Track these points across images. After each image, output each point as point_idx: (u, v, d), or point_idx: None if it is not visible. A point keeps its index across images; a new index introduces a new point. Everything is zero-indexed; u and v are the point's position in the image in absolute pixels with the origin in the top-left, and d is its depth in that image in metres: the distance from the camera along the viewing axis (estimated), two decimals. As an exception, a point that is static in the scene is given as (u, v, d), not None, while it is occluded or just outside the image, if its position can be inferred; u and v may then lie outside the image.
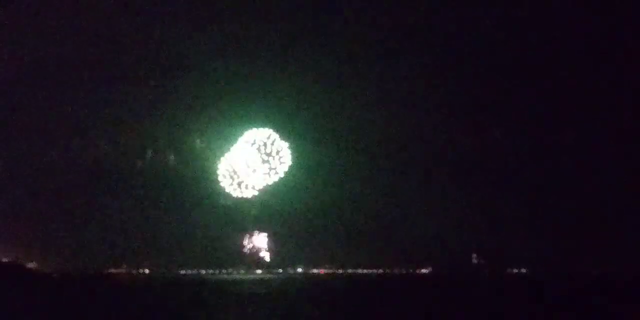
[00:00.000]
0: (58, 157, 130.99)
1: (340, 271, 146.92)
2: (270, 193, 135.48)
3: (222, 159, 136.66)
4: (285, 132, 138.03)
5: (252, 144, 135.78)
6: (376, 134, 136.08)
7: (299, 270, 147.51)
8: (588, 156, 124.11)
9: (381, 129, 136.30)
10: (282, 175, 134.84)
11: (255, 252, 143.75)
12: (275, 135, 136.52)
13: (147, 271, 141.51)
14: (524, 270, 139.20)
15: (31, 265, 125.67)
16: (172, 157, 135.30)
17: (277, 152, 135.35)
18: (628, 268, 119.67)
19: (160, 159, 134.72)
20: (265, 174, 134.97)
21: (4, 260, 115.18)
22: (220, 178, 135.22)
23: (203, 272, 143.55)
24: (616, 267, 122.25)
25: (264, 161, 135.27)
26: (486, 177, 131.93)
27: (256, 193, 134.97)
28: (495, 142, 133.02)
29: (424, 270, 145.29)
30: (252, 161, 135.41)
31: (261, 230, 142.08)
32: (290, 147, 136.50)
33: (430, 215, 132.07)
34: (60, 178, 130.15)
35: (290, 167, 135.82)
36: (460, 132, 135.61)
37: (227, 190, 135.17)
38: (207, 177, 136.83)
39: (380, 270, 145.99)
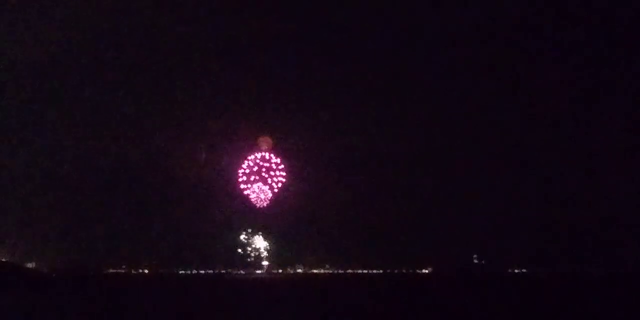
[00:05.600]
0: (58, 158, 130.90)
1: (341, 271, 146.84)
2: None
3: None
4: (284, 134, 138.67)
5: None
6: (376, 136, 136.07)
7: (299, 270, 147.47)
8: (588, 157, 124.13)
9: (381, 130, 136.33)
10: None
11: (255, 253, 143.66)
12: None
13: (146, 271, 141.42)
14: (524, 270, 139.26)
15: (30, 265, 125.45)
16: (171, 159, 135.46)
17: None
18: (628, 268, 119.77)
19: (160, 160, 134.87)
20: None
21: (3, 260, 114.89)
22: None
23: (202, 272, 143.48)
24: (616, 267, 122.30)
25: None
26: (487, 177, 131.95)
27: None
28: (496, 142, 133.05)
29: (424, 270, 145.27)
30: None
31: (261, 230, 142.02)
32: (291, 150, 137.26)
33: (430, 216, 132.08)
34: (60, 178, 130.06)
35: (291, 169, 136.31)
36: (460, 134, 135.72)
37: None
38: (207, 178, 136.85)
39: (380, 270, 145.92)
